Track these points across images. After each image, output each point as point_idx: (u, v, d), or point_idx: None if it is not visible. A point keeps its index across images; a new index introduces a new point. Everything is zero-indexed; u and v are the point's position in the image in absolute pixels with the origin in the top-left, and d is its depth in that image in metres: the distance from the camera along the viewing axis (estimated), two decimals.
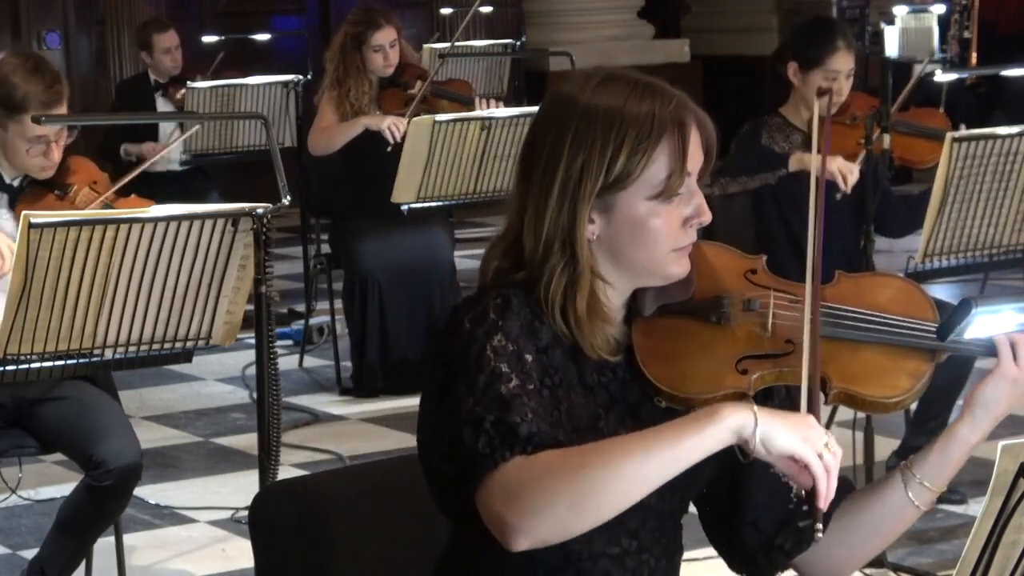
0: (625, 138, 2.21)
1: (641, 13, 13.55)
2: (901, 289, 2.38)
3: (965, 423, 2.31)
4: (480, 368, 2.14)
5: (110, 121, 8.20)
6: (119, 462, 4.14)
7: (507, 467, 2.08)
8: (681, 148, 2.23)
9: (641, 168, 2.22)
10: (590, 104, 2.24)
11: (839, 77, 5.19)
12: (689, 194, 2.27)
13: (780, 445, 2.05)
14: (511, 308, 2.20)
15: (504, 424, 2.10)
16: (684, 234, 2.27)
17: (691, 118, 2.26)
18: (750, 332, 2.29)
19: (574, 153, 2.22)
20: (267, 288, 3.79)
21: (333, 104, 6.75)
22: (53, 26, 11.13)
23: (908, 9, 10.69)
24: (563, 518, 2.05)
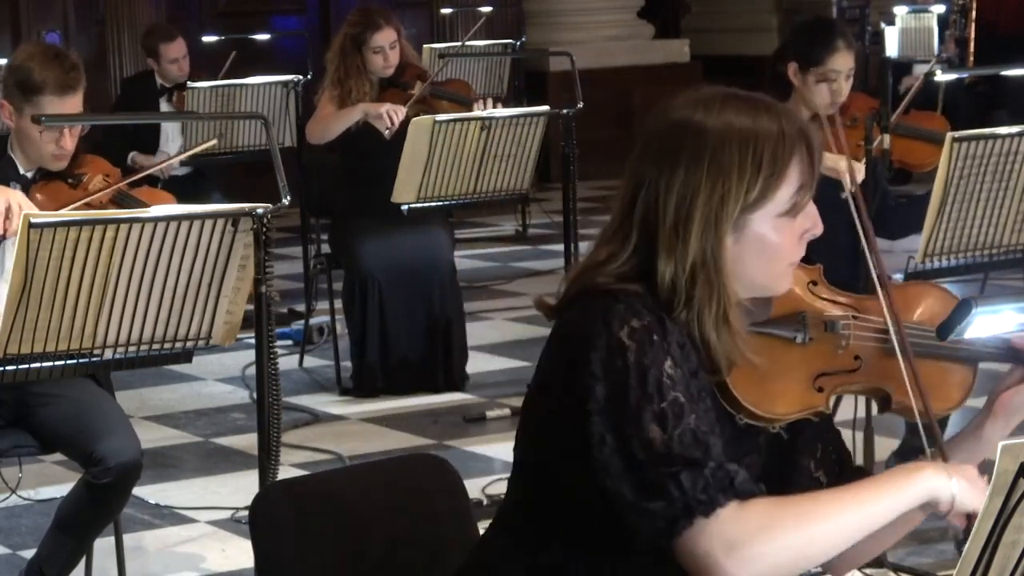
0: (763, 160, 2.23)
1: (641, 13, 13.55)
2: (940, 299, 2.47)
3: (993, 426, 2.41)
4: (662, 396, 2.17)
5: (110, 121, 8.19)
6: (119, 459, 4.14)
7: (724, 514, 2.14)
8: (810, 162, 2.26)
9: (776, 187, 2.24)
10: (718, 128, 2.24)
11: (839, 77, 5.19)
12: (808, 207, 2.30)
13: (970, 505, 2.17)
14: (667, 328, 2.22)
15: (721, 471, 2.14)
16: (800, 248, 2.31)
17: (815, 137, 2.29)
18: (826, 350, 2.35)
19: (713, 180, 2.23)
20: (267, 288, 3.79)
21: (334, 103, 6.75)
22: (53, 26, 11.12)
23: (908, 9, 10.69)
24: (783, 568, 2.14)
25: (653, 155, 2.28)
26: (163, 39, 8.53)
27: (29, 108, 4.38)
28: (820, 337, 2.34)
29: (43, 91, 4.36)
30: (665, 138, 2.29)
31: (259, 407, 3.85)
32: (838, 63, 5.18)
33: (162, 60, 8.47)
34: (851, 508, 2.15)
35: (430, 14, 12.29)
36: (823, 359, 2.33)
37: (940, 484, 2.14)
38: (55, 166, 4.50)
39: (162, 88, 8.52)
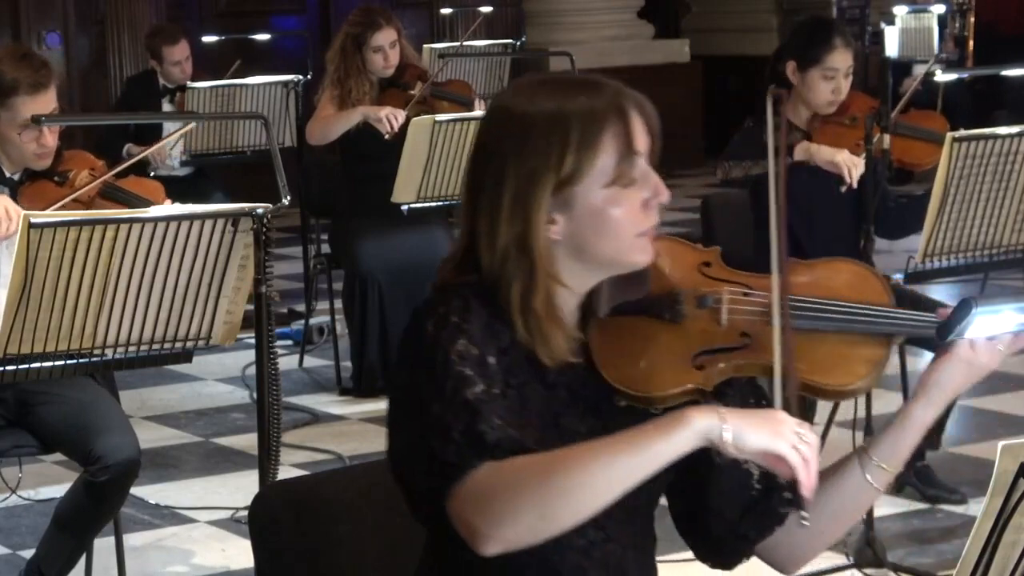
0: (569, 135, 2.22)
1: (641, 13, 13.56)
2: (856, 274, 2.39)
3: (919, 403, 2.33)
4: (446, 374, 2.15)
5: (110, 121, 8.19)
6: (117, 457, 4.14)
7: (476, 475, 2.10)
8: (625, 132, 2.24)
9: (590, 160, 2.22)
10: (528, 111, 2.25)
11: (837, 75, 5.19)
12: (644, 176, 2.27)
13: (752, 444, 2.07)
14: (471, 309, 2.21)
15: (472, 432, 2.11)
16: (646, 217, 2.27)
17: (630, 103, 2.26)
18: (704, 327, 2.29)
19: (520, 161, 2.23)
20: (267, 288, 3.79)
21: (334, 103, 6.75)
22: (53, 26, 11.13)
23: (908, 9, 10.70)
24: (533, 524, 2.07)
25: (475, 146, 2.31)
26: (166, 42, 8.52)
27: (4, 111, 4.37)
28: (695, 315, 2.29)
29: (16, 92, 4.35)
30: (483, 128, 2.32)
31: (259, 407, 3.85)
32: (836, 60, 5.18)
33: (165, 62, 8.47)
34: (607, 457, 2.06)
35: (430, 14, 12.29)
36: (702, 337, 2.27)
37: (709, 425, 2.06)
38: (39, 165, 4.49)
39: (164, 89, 8.52)
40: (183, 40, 8.56)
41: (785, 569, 2.44)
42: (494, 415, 2.13)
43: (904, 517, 5.17)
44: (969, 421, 6.15)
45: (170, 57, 8.46)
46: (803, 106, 5.25)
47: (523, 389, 2.22)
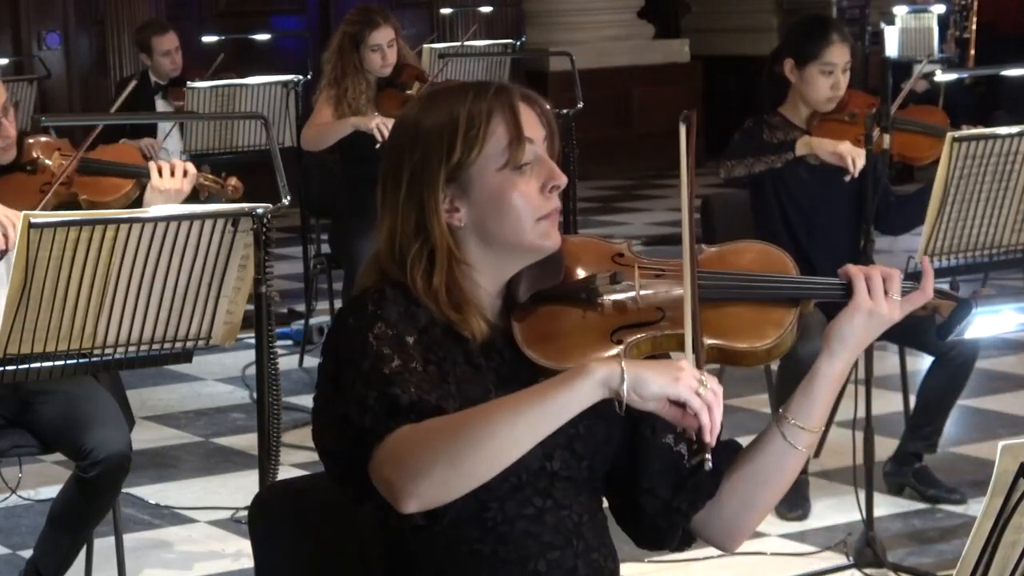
0: (457, 125, 2.33)
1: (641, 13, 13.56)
2: (761, 251, 2.49)
3: (823, 359, 2.41)
4: (364, 354, 2.24)
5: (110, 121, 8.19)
6: (106, 451, 4.12)
7: (393, 437, 2.16)
8: (512, 118, 2.34)
9: (480, 144, 2.32)
10: (420, 116, 2.37)
11: (835, 70, 5.19)
12: (539, 161, 2.38)
13: (652, 390, 2.13)
14: (387, 298, 2.30)
15: (386, 397, 2.18)
16: (545, 201, 2.37)
17: (516, 95, 2.37)
18: (620, 305, 2.38)
19: (412, 154, 2.35)
20: (267, 288, 3.79)
21: (331, 103, 6.75)
22: (53, 26, 11.14)
23: (908, 9, 10.69)
24: (444, 477, 2.13)
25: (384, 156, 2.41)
26: (154, 32, 8.55)
27: None
28: (610, 293, 2.38)
29: None
30: (388, 139, 2.44)
31: (259, 407, 3.85)
32: (834, 56, 5.18)
33: (154, 53, 8.47)
34: (513, 410, 2.12)
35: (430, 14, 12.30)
36: (618, 314, 2.37)
37: (609, 374, 2.11)
38: (4, 158, 4.49)
39: (156, 86, 8.52)
40: (171, 32, 8.58)
41: (725, 546, 2.50)
42: (410, 384, 2.20)
43: (904, 517, 5.17)
44: (969, 421, 6.15)
45: (159, 47, 8.46)
46: (802, 104, 5.25)
47: (444, 364, 2.30)
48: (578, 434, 2.36)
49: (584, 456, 2.37)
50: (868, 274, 2.39)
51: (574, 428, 2.33)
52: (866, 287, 2.38)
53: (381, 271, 2.38)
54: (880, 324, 2.39)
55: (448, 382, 2.27)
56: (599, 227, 10.62)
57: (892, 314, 2.38)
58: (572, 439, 2.36)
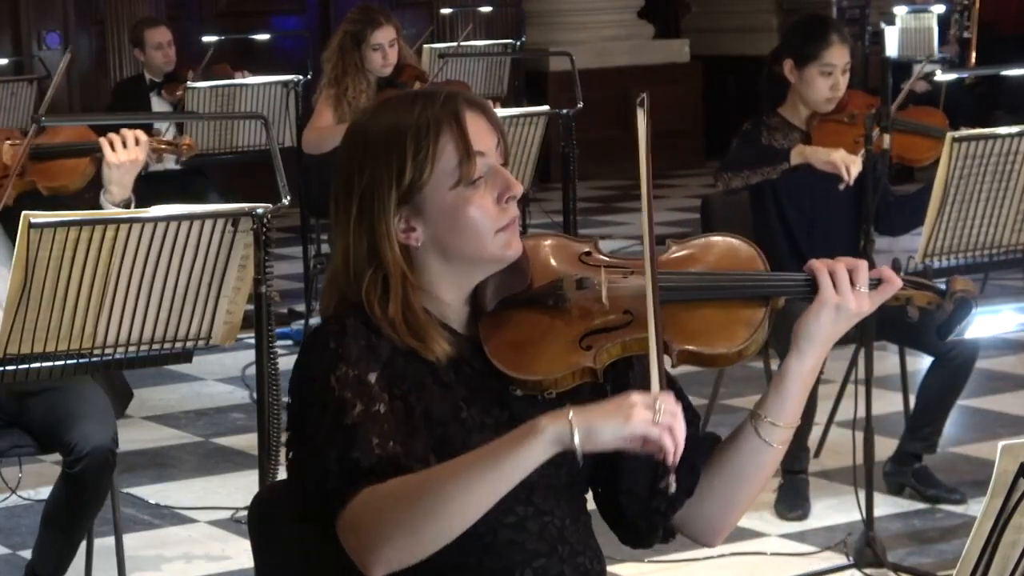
0: (405, 145, 2.29)
1: (641, 13, 13.56)
2: (729, 246, 2.45)
3: (792, 356, 2.39)
4: (325, 403, 2.23)
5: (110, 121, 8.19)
6: (89, 445, 4.10)
7: (354, 503, 2.18)
8: (461, 133, 2.30)
9: (430, 164, 2.29)
10: (368, 130, 2.33)
11: (835, 71, 5.19)
12: (492, 173, 2.34)
13: (606, 438, 2.12)
14: (347, 333, 2.27)
15: (346, 460, 2.18)
16: (502, 212, 2.33)
17: (464, 106, 2.33)
18: (588, 309, 2.35)
19: (362, 176, 2.31)
20: (267, 288, 3.79)
21: (331, 103, 6.75)
22: (53, 26, 11.14)
23: (908, 9, 10.69)
24: (406, 544, 2.15)
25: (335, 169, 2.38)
26: (148, 25, 8.58)
27: None
28: (577, 298, 2.35)
29: None
30: (339, 151, 2.40)
31: (259, 407, 3.85)
32: (834, 56, 5.17)
33: (147, 47, 8.48)
34: (466, 476, 2.13)
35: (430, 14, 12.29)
36: (586, 319, 2.34)
37: (558, 431, 2.10)
38: None
39: (151, 83, 8.52)
40: (163, 26, 8.60)
41: (707, 541, 2.50)
42: (372, 435, 2.20)
43: (904, 517, 5.17)
44: (969, 421, 6.15)
45: (151, 40, 8.47)
46: (802, 104, 5.25)
47: (410, 396, 2.27)
48: None
49: (563, 463, 2.32)
50: (832, 268, 2.37)
51: None
52: (831, 282, 2.36)
53: (341, 293, 2.36)
54: (848, 318, 2.37)
55: (414, 416, 2.26)
56: (599, 227, 10.62)
57: (860, 307, 2.37)
58: None
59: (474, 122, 2.33)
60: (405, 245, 2.32)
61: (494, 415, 2.33)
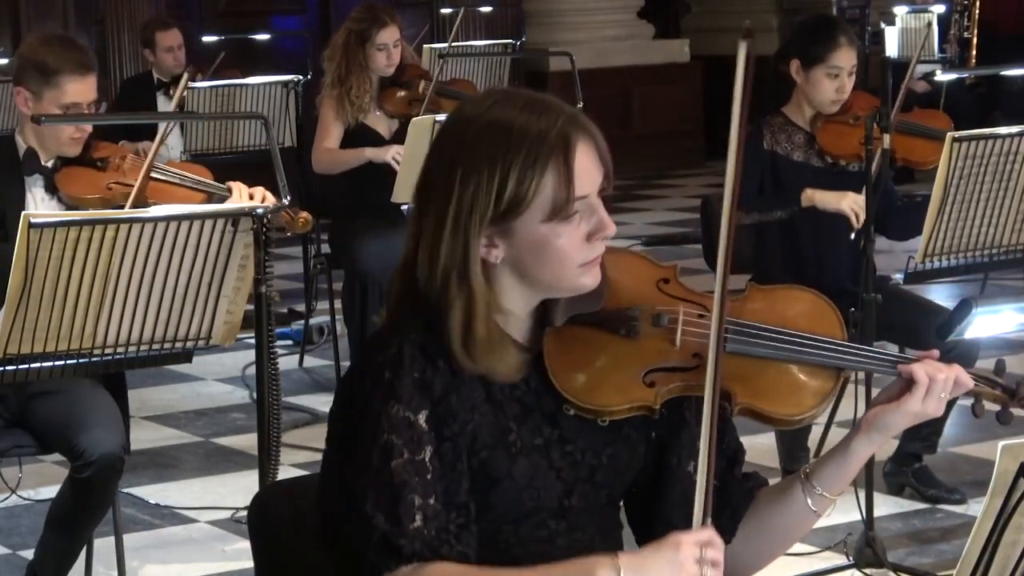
0: (511, 165, 2.21)
1: (641, 13, 13.56)
2: (813, 304, 2.40)
3: (861, 441, 2.37)
4: (375, 438, 2.21)
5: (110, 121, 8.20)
6: (98, 451, 4.10)
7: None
8: (567, 173, 2.22)
9: (531, 195, 2.22)
10: (478, 128, 2.25)
11: (841, 74, 5.18)
12: (589, 210, 2.26)
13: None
14: (403, 363, 2.23)
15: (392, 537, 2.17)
16: (590, 248, 2.27)
17: (579, 136, 2.25)
18: (658, 345, 2.30)
19: (464, 185, 2.23)
20: (267, 288, 3.79)
21: (333, 107, 6.74)
22: (53, 26, 11.12)
23: (908, 9, 10.69)
24: None
25: (430, 152, 2.31)
26: (159, 28, 8.57)
27: (49, 92, 4.39)
28: (649, 332, 2.30)
29: (61, 73, 4.38)
30: (439, 134, 2.31)
31: (259, 407, 3.85)
32: (840, 59, 5.17)
33: (158, 49, 8.48)
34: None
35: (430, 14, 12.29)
36: (654, 355, 2.29)
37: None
38: (73, 151, 4.49)
39: (159, 83, 8.52)
40: (175, 28, 8.59)
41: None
42: (416, 494, 2.18)
43: (904, 517, 5.17)
44: (969, 421, 6.13)
45: (162, 42, 8.47)
46: (806, 105, 5.24)
47: (457, 439, 2.24)
48: (601, 464, 2.34)
49: (604, 484, 2.34)
50: (933, 377, 2.34)
51: (597, 459, 2.32)
52: (923, 394, 2.33)
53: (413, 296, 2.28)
54: (923, 419, 2.37)
55: (460, 460, 2.23)
56: None
57: (937, 411, 2.36)
58: (594, 470, 2.34)
59: (584, 154, 2.25)
60: (483, 259, 2.25)
61: (544, 434, 2.30)
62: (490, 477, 2.25)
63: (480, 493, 2.25)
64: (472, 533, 2.22)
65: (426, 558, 2.17)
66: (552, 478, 2.29)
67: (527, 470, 2.27)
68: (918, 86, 9.68)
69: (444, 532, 2.19)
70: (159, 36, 8.49)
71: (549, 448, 2.28)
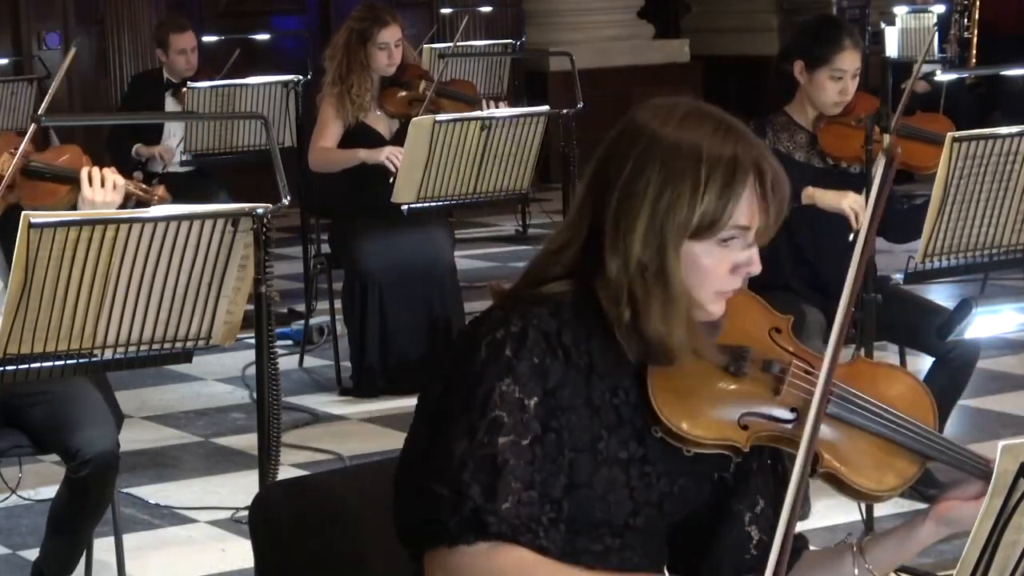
0: (709, 179, 2.22)
1: (641, 13, 13.55)
2: (912, 389, 2.42)
3: (928, 530, 2.37)
4: (483, 412, 2.19)
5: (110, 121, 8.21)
6: (93, 450, 4.09)
7: (465, 553, 2.16)
8: (756, 201, 2.24)
9: (728, 215, 2.22)
10: (674, 139, 2.24)
11: (845, 76, 5.18)
12: (745, 243, 2.27)
13: None
14: (526, 344, 2.22)
15: (479, 512, 2.15)
16: (730, 280, 2.28)
17: (768, 170, 2.26)
18: (761, 392, 2.31)
19: (660, 187, 2.23)
20: (267, 288, 3.79)
21: (333, 105, 6.75)
22: (53, 26, 11.13)
23: (908, 9, 10.69)
24: None
25: (610, 151, 2.30)
26: (174, 29, 8.55)
27: None
28: (756, 375, 2.31)
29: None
30: (622, 137, 2.30)
31: (259, 407, 3.85)
32: (845, 62, 5.17)
33: (171, 51, 8.47)
34: None
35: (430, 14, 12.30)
36: (755, 398, 2.30)
37: None
38: None
39: (168, 83, 8.52)
40: (190, 30, 8.58)
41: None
42: (514, 479, 2.16)
43: (904, 517, 5.15)
44: (969, 421, 6.15)
45: (176, 45, 8.46)
46: (809, 105, 5.24)
47: (563, 432, 2.23)
48: (672, 493, 2.34)
49: (669, 514, 2.34)
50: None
51: (670, 487, 2.32)
52: None
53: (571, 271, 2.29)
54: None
55: (563, 454, 2.23)
56: None
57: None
58: (663, 498, 2.33)
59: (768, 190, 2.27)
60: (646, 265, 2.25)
61: (630, 449, 2.30)
62: (572, 481, 2.24)
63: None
64: (560, 531, 2.22)
65: (506, 540, 2.16)
66: (625, 496, 2.29)
67: (606, 481, 2.27)
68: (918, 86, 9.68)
69: (534, 522, 2.18)
70: (173, 38, 8.48)
71: (630, 464, 2.28)
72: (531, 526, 2.17)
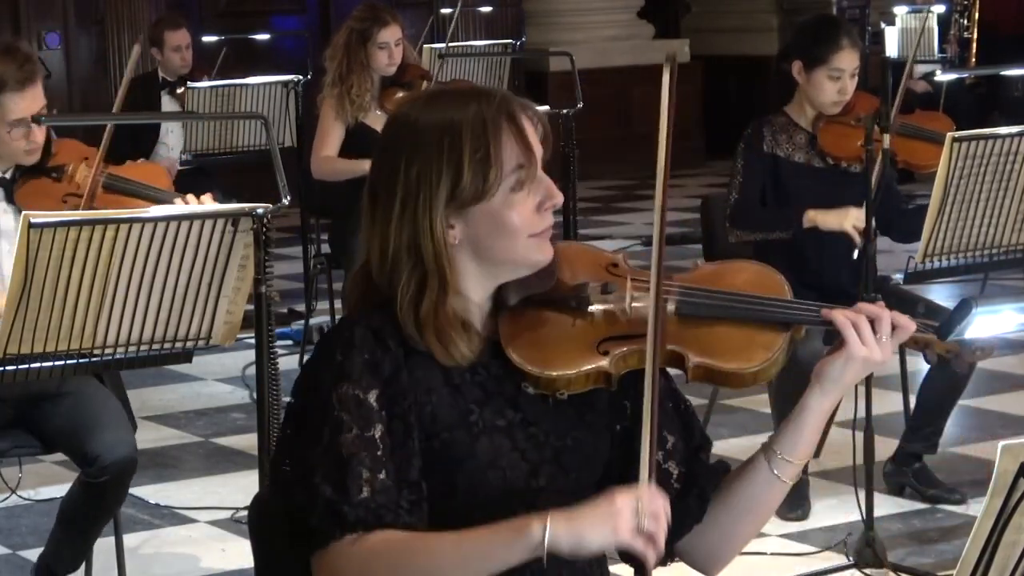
0: (462, 144, 2.28)
1: (641, 13, 13.56)
2: (756, 272, 2.48)
3: (814, 395, 2.40)
4: (325, 417, 2.26)
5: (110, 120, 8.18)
6: (112, 456, 4.11)
7: (337, 547, 2.22)
8: (521, 139, 2.30)
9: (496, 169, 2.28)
10: (419, 121, 2.31)
11: (843, 76, 5.18)
12: (537, 180, 2.33)
13: (593, 547, 2.17)
14: (354, 344, 2.28)
15: (336, 504, 2.21)
16: (540, 219, 2.34)
17: (519, 109, 2.33)
18: (609, 315, 2.38)
19: (409, 168, 2.29)
20: (267, 288, 3.79)
21: (333, 106, 6.74)
22: (53, 26, 11.13)
23: (908, 9, 10.69)
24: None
25: (375, 158, 2.38)
26: (168, 27, 8.57)
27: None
28: (600, 301, 2.37)
29: (3, 89, 4.21)
30: (381, 140, 2.38)
31: (259, 407, 3.85)
32: (843, 61, 5.16)
33: (166, 48, 8.48)
34: (451, 558, 2.19)
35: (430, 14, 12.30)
36: (606, 325, 2.36)
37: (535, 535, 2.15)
38: (29, 160, 4.35)
39: (164, 82, 8.51)
40: (184, 28, 8.59)
41: (707, 570, 2.51)
42: (364, 467, 2.22)
43: (904, 517, 5.18)
44: (969, 421, 6.15)
45: (171, 42, 8.47)
46: (808, 105, 5.24)
47: (408, 416, 2.28)
48: (566, 447, 2.37)
49: (571, 468, 2.36)
50: (856, 321, 2.36)
51: (561, 441, 2.36)
52: (857, 336, 2.35)
53: (362, 290, 2.37)
54: (873, 366, 2.38)
55: (412, 438, 2.27)
56: (599, 227, 10.62)
57: (885, 355, 2.37)
58: (559, 452, 2.36)
59: (527, 127, 2.32)
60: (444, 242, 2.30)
61: (507, 417, 2.34)
62: (453, 458, 2.29)
63: (446, 475, 2.29)
64: (423, 510, 2.26)
65: (370, 526, 2.21)
66: (516, 458, 2.32)
67: (489, 449, 2.30)
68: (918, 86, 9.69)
69: (393, 506, 2.23)
70: (168, 35, 8.49)
71: (512, 429, 2.32)
72: (391, 508, 2.22)
